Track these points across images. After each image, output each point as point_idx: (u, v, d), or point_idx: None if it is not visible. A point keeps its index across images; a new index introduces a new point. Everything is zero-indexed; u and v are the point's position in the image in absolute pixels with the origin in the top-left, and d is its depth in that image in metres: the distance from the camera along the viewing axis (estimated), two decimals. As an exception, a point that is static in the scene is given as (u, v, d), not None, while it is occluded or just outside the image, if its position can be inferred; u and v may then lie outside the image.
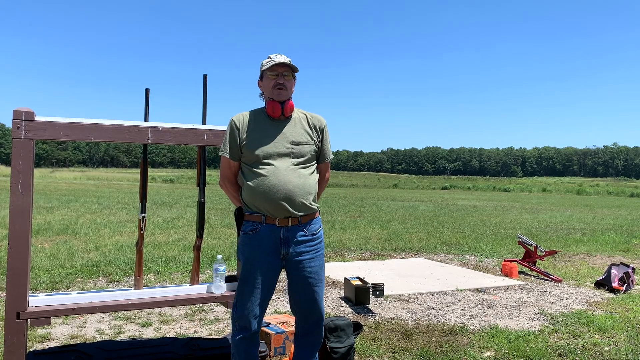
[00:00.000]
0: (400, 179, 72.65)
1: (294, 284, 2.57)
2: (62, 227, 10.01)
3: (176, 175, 55.39)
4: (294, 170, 2.47)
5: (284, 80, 2.51)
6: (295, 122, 2.56)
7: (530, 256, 6.75)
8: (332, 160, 2.74)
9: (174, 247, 8.05)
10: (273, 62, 2.48)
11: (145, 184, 3.13)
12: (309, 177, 2.52)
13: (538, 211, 18.94)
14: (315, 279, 2.55)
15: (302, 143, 2.52)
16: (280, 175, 2.43)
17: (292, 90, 2.56)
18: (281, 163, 2.46)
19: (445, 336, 3.97)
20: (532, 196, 36.04)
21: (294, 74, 2.57)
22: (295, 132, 2.53)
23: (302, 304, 2.59)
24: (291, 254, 2.50)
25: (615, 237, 10.92)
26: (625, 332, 4.15)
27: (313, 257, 2.54)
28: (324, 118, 2.66)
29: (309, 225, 2.53)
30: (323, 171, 2.70)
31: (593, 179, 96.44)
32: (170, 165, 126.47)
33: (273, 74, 2.51)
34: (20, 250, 2.61)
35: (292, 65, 2.52)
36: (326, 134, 2.65)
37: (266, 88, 2.54)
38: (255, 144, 2.48)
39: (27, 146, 2.62)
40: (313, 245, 2.55)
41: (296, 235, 2.50)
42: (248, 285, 2.49)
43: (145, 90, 3.07)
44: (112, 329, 3.99)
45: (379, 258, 7.76)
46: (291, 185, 2.43)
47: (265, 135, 2.50)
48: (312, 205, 2.52)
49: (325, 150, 2.66)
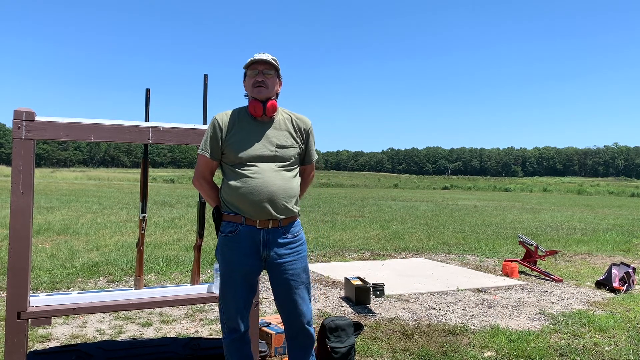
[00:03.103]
0: (401, 178, 72.62)
1: (276, 287, 2.50)
2: (62, 227, 10.01)
3: (177, 175, 55.37)
4: (278, 172, 2.42)
5: (263, 77, 2.42)
6: (280, 124, 2.49)
7: (531, 256, 6.75)
8: (333, 160, 2.76)
9: (174, 247, 8.05)
10: (252, 60, 2.42)
11: (146, 184, 3.13)
12: (292, 179, 2.47)
13: (539, 211, 18.93)
14: (297, 281, 2.49)
15: (287, 146, 2.46)
16: (264, 177, 2.38)
17: (275, 89, 2.48)
18: (265, 165, 2.40)
19: (446, 336, 3.97)
20: (533, 196, 36.02)
21: (278, 73, 2.50)
22: (279, 135, 2.46)
23: (285, 306, 2.51)
24: (272, 256, 2.44)
25: (616, 237, 10.91)
26: (626, 332, 4.15)
27: (295, 259, 2.48)
28: (309, 119, 2.60)
29: (289, 228, 2.48)
30: (307, 172, 2.66)
31: (594, 179, 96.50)
32: (170, 165, 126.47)
33: (253, 71, 2.44)
34: (20, 250, 2.62)
35: (272, 62, 2.43)
36: (311, 135, 2.59)
37: (248, 86, 2.47)
38: (238, 146, 2.41)
39: (28, 146, 2.62)
40: (294, 247, 2.49)
41: (277, 238, 2.44)
42: (229, 287, 2.45)
43: (146, 90, 3.06)
44: (113, 328, 3.99)
45: (379, 258, 7.76)
46: (274, 187, 2.38)
47: (249, 136, 2.43)
48: (294, 209, 2.47)
49: (310, 152, 2.61)
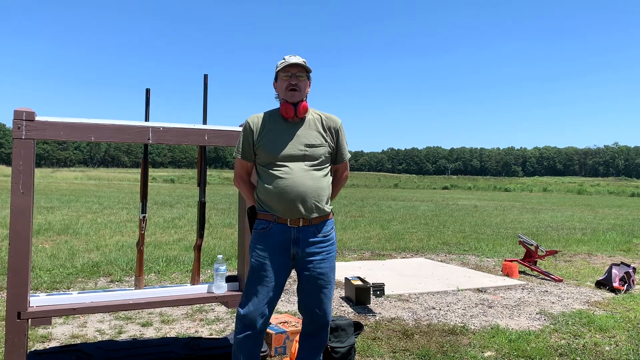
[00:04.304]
0: (401, 178, 72.60)
1: (303, 285, 2.56)
2: (62, 227, 10.01)
3: (177, 175, 55.37)
4: (308, 172, 2.47)
5: (297, 81, 2.50)
6: (310, 124, 2.55)
7: (531, 256, 6.75)
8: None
9: (174, 247, 8.05)
10: (286, 63, 2.48)
11: (146, 183, 3.13)
12: (323, 179, 2.51)
13: (539, 211, 18.93)
14: (324, 281, 2.54)
15: (316, 145, 2.51)
16: (294, 177, 2.43)
17: (306, 91, 2.55)
18: (295, 165, 2.46)
19: (446, 336, 3.97)
20: (533, 196, 36.03)
21: (308, 75, 2.56)
22: (309, 135, 2.52)
23: (310, 305, 2.58)
24: (301, 254, 2.50)
25: (616, 236, 10.91)
26: (626, 332, 4.15)
27: (324, 259, 2.54)
28: (339, 118, 2.64)
29: (321, 227, 2.53)
30: (340, 171, 2.70)
31: (594, 179, 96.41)
32: (170, 165, 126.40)
33: (286, 75, 2.50)
34: (21, 250, 2.62)
35: (305, 65, 2.51)
36: (342, 134, 2.64)
37: (280, 89, 2.53)
38: (269, 146, 2.48)
39: (28, 146, 2.62)
40: (324, 246, 2.54)
41: (307, 236, 2.49)
42: (257, 282, 2.49)
43: (146, 90, 3.07)
44: (113, 328, 3.99)
45: (379, 258, 7.76)
46: (304, 187, 2.43)
47: (280, 137, 2.50)
48: (325, 207, 2.52)
49: (342, 151, 2.65)
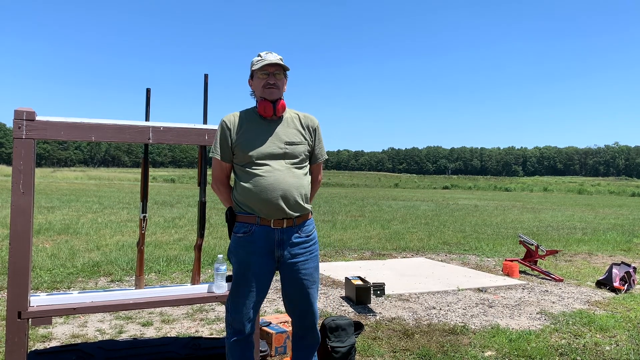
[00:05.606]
0: (401, 178, 72.62)
1: (289, 287, 2.52)
2: (63, 227, 10.02)
3: (177, 175, 55.40)
4: (289, 169, 2.43)
5: (275, 79, 2.45)
6: (288, 122, 2.52)
7: (532, 256, 6.75)
8: (333, 160, 2.76)
9: (175, 246, 8.05)
10: (264, 62, 2.43)
11: (146, 183, 3.13)
12: (304, 177, 2.49)
13: (539, 211, 18.93)
14: (309, 281, 2.51)
15: (296, 143, 2.48)
16: (275, 175, 2.39)
17: (283, 89, 2.51)
18: (276, 163, 2.42)
19: (446, 336, 3.97)
20: (533, 196, 36.01)
21: (285, 73, 2.52)
22: (288, 132, 2.49)
23: (298, 306, 2.54)
24: (286, 256, 2.46)
25: (617, 236, 10.91)
26: (627, 331, 4.15)
27: (307, 259, 2.50)
28: (316, 118, 2.62)
29: (303, 227, 2.50)
30: (315, 172, 2.66)
31: (594, 179, 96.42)
32: (171, 165, 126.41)
33: (264, 73, 2.46)
34: (21, 250, 2.61)
35: (283, 64, 2.46)
36: (319, 134, 2.61)
37: (257, 87, 2.49)
38: (248, 145, 2.43)
39: (28, 146, 2.62)
40: (307, 246, 2.51)
41: (291, 237, 2.45)
42: (242, 288, 2.45)
43: (146, 90, 3.07)
44: (113, 328, 3.99)
45: (380, 257, 7.76)
46: (287, 184, 2.40)
47: (258, 135, 2.45)
48: (307, 206, 2.49)
49: (319, 151, 2.62)
